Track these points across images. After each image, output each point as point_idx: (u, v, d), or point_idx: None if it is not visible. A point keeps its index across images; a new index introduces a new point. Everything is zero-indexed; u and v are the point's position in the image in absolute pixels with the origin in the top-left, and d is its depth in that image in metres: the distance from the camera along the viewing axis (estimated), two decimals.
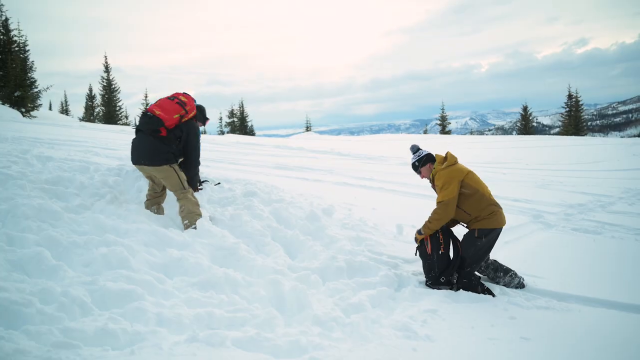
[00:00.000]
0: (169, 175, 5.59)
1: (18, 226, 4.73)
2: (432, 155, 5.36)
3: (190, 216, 5.58)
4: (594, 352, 3.67)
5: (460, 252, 4.97)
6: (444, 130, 49.17)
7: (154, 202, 6.01)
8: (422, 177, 5.43)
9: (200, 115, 6.19)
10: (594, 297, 4.68)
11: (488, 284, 5.01)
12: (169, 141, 5.57)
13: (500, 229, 5.07)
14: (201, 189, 7.12)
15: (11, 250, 4.14)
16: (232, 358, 3.06)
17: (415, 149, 5.49)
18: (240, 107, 50.89)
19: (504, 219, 5.09)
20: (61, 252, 4.38)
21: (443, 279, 4.89)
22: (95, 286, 3.74)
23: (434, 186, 5.29)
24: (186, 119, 5.68)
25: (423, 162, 5.35)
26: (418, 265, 5.24)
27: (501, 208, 5.12)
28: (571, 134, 41.33)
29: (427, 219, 5.11)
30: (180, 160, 5.81)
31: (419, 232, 5.21)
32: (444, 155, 5.32)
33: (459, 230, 5.23)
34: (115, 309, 3.53)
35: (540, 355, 3.56)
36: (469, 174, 5.12)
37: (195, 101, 5.94)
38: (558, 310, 4.36)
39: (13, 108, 26.13)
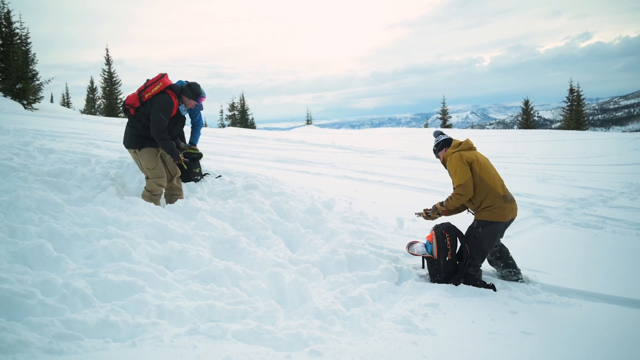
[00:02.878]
0: (134, 158, 6.06)
1: (20, 218, 4.74)
2: (450, 140, 5.35)
3: (147, 188, 6.02)
4: (595, 346, 3.67)
5: (467, 258, 4.90)
6: (445, 124, 49.09)
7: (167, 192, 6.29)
8: (442, 162, 5.42)
9: (189, 91, 6.09)
10: (595, 291, 4.69)
11: (487, 277, 5.01)
12: (138, 119, 5.89)
13: (503, 224, 4.98)
14: (198, 179, 7.17)
15: (13, 242, 4.16)
16: (232, 350, 3.07)
17: (437, 134, 5.50)
18: (241, 100, 50.83)
19: (509, 215, 4.97)
20: (63, 244, 4.40)
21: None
22: (96, 278, 3.76)
23: (447, 169, 5.28)
24: (148, 93, 5.84)
25: (440, 147, 5.38)
26: (418, 259, 5.24)
27: (512, 202, 5.02)
28: (572, 128, 41.26)
29: (447, 199, 5.11)
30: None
31: (440, 204, 5.22)
32: (462, 140, 5.30)
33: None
34: (117, 300, 3.55)
35: (540, 349, 3.56)
36: (479, 162, 5.06)
37: (168, 77, 6.04)
38: (559, 305, 4.36)
39: (15, 100, 26.12)
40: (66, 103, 50.71)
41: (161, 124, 5.74)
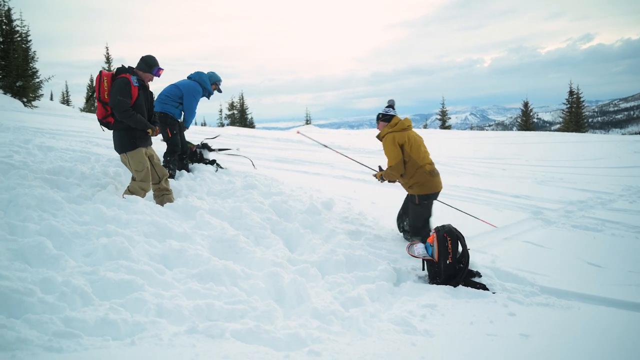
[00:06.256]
0: (125, 162, 6.04)
1: (20, 215, 4.75)
2: (392, 117, 6.03)
3: (130, 189, 5.98)
4: (594, 349, 3.67)
5: (468, 261, 4.91)
6: (444, 125, 49.08)
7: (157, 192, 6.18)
8: (378, 128, 6.19)
9: (142, 64, 5.98)
10: (594, 294, 4.69)
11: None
12: (118, 120, 5.83)
13: (434, 194, 5.93)
14: (207, 162, 7.49)
15: (13, 240, 4.16)
16: (231, 350, 3.07)
17: (389, 104, 6.17)
18: (240, 99, 50.78)
19: (437, 187, 5.92)
20: (62, 242, 4.40)
21: None
22: (95, 276, 3.76)
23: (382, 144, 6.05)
24: (105, 92, 5.83)
25: (384, 119, 6.07)
26: (417, 260, 5.25)
27: (437, 176, 5.93)
28: (572, 131, 41.25)
29: (385, 171, 5.98)
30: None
31: (382, 175, 6.07)
32: (400, 120, 6.00)
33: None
34: (116, 299, 3.55)
35: (539, 351, 3.56)
36: (411, 143, 5.85)
37: (105, 70, 6.16)
38: (558, 307, 4.36)
39: (15, 98, 26.09)
40: (66, 101, 50.66)
41: (121, 105, 5.67)
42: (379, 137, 6.15)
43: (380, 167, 6.33)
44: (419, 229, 5.92)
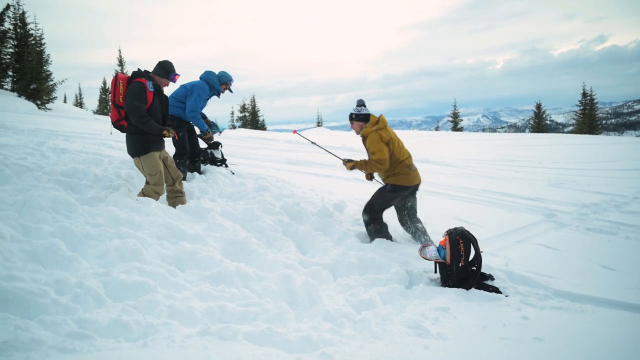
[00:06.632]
0: (138, 166, 6.06)
1: (34, 217, 4.79)
2: (369, 116, 6.14)
3: (144, 191, 6.01)
4: (608, 353, 3.63)
5: (481, 264, 4.87)
6: (456, 127, 48.90)
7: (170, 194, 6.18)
8: (352, 128, 6.29)
9: (160, 69, 6.01)
10: (609, 297, 4.63)
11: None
12: (132, 124, 5.87)
13: (409, 187, 6.08)
14: (219, 165, 7.57)
15: (27, 241, 4.19)
16: (243, 352, 3.07)
17: (360, 103, 6.23)
18: (252, 102, 50.95)
19: (414, 180, 6.10)
20: (75, 244, 4.43)
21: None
22: (108, 278, 3.78)
23: (364, 143, 6.14)
24: (120, 96, 5.86)
25: (359, 118, 6.15)
26: (429, 262, 5.22)
27: (415, 170, 6.13)
28: (585, 133, 40.91)
29: (367, 163, 6.05)
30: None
31: (352, 165, 6.23)
32: (377, 117, 6.10)
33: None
34: (128, 300, 3.56)
35: (553, 356, 3.53)
36: (393, 140, 6.03)
37: (121, 73, 6.18)
38: (572, 311, 4.32)
39: (29, 100, 26.38)
40: (79, 103, 51.16)
41: (136, 110, 5.70)
42: (361, 134, 6.22)
43: (350, 160, 6.44)
44: (372, 208, 6.07)
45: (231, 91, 8.13)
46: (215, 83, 7.76)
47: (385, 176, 6.14)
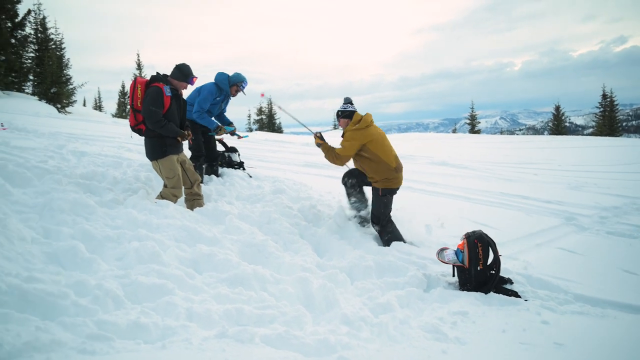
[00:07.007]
0: (156, 169, 6.08)
1: (54, 219, 4.84)
2: (353, 113, 6.15)
3: (162, 194, 6.03)
4: (631, 359, 3.57)
5: (500, 267, 4.82)
6: (473, 130, 48.57)
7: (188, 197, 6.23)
8: (339, 125, 6.34)
9: (178, 72, 6.02)
10: (630, 302, 4.55)
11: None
12: (150, 129, 5.89)
13: (397, 189, 6.16)
14: (237, 168, 7.52)
15: (47, 243, 4.25)
16: (261, 355, 3.07)
17: (347, 101, 6.25)
18: (268, 105, 51.18)
19: (399, 182, 6.14)
20: (95, 246, 4.48)
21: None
22: (127, 280, 3.81)
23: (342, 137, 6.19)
24: (138, 100, 5.90)
25: (344, 115, 6.19)
26: (446, 265, 5.18)
27: (401, 171, 6.16)
28: (605, 135, 40.36)
29: (330, 150, 6.19)
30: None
31: (320, 143, 6.37)
32: (361, 116, 6.11)
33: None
34: (147, 302, 3.58)
35: None
36: (374, 141, 5.97)
37: (140, 77, 6.15)
38: (593, 316, 4.25)
39: (49, 104, 26.78)
40: (98, 107, 51.79)
41: (153, 115, 5.71)
42: (343, 134, 6.27)
43: (321, 134, 6.57)
44: (379, 218, 6.09)
45: (244, 93, 7.94)
46: (224, 85, 7.63)
47: (372, 180, 6.08)
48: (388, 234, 6.03)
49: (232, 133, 8.09)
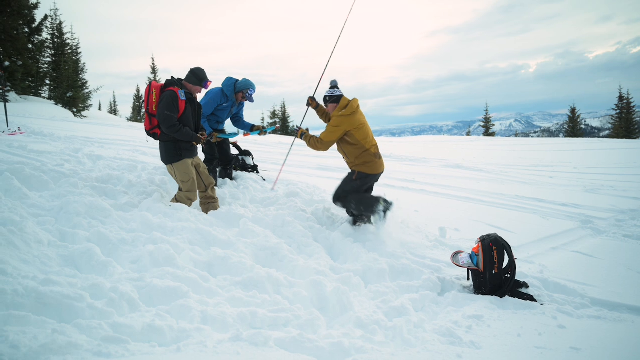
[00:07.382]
0: (170, 172, 6.13)
1: (70, 222, 4.90)
2: (340, 98, 6.19)
3: (177, 198, 6.08)
4: None
5: (515, 271, 4.78)
6: (488, 132, 48.27)
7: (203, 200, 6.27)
8: (327, 110, 6.39)
9: (192, 77, 6.06)
10: None
11: None
12: (165, 133, 5.95)
13: (375, 175, 6.22)
14: (251, 171, 7.70)
15: (64, 246, 4.29)
16: (275, 358, 3.07)
17: (333, 85, 6.29)
18: (282, 108, 51.30)
19: (379, 169, 6.20)
20: (110, 249, 4.52)
21: None
22: (142, 283, 3.83)
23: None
24: (154, 105, 5.96)
25: (332, 100, 6.22)
26: (461, 269, 5.15)
27: (381, 159, 6.22)
28: (622, 137, 39.88)
29: (312, 138, 6.20)
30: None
31: (302, 133, 6.38)
32: (348, 101, 6.13)
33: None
34: (162, 305, 3.60)
35: None
36: (359, 128, 6.03)
37: (155, 81, 6.21)
38: (610, 320, 4.20)
39: (65, 108, 27.10)
40: (113, 111, 52.29)
41: (167, 120, 5.75)
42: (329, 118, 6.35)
43: (300, 128, 6.57)
44: (340, 197, 6.22)
45: (251, 101, 7.66)
46: (228, 90, 7.48)
47: (352, 164, 6.19)
48: (352, 205, 6.13)
49: (234, 143, 8.34)
